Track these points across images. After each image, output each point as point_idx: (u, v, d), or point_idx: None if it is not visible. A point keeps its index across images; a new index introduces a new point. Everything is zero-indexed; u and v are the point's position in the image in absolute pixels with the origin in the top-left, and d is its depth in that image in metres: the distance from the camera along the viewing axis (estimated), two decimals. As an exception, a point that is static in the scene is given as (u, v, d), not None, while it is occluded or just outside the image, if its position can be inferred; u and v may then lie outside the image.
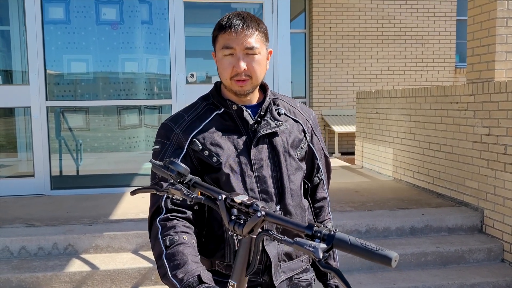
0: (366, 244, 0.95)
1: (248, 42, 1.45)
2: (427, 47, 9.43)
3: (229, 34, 1.45)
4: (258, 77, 1.50)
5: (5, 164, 5.68)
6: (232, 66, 1.46)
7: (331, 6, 8.99)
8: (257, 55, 1.47)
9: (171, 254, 1.34)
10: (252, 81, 1.49)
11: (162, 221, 1.42)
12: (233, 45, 1.45)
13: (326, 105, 9.18)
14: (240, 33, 1.44)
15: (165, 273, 1.32)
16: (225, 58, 1.47)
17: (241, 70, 1.45)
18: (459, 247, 3.88)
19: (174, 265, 1.31)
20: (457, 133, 4.59)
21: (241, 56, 1.45)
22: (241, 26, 1.45)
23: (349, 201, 4.71)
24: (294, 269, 1.57)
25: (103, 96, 5.37)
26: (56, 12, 5.10)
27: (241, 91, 1.49)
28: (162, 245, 1.37)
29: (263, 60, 1.50)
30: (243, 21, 1.46)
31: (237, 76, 1.46)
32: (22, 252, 3.63)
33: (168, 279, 1.32)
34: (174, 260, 1.32)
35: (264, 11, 5.18)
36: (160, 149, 1.52)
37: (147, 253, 3.67)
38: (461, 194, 4.55)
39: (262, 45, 1.49)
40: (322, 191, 1.70)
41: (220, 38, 1.48)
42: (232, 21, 1.45)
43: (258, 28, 1.48)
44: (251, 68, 1.47)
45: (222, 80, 1.53)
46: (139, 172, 5.50)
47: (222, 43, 1.47)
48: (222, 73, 1.50)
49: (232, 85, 1.49)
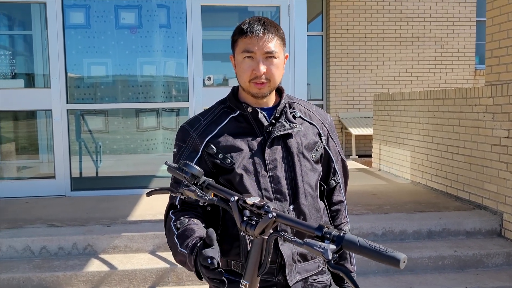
0: (375, 246, 0.97)
1: (268, 47, 1.50)
2: (446, 49, 9.33)
3: (250, 39, 1.50)
4: (276, 80, 1.55)
5: (27, 166, 5.81)
6: (251, 69, 1.51)
7: (348, 8, 8.96)
8: (275, 59, 1.52)
9: (181, 233, 1.41)
10: (270, 84, 1.54)
11: (174, 212, 1.51)
12: (253, 49, 1.50)
13: (343, 108, 9.15)
14: (261, 38, 1.50)
15: (176, 249, 1.40)
16: (245, 61, 1.52)
17: (260, 73, 1.50)
18: (478, 251, 3.83)
19: (182, 240, 1.39)
20: (475, 135, 4.53)
21: (261, 60, 1.50)
22: (262, 31, 1.50)
23: (366, 204, 4.69)
24: (310, 270, 1.58)
25: (122, 99, 5.46)
26: (76, 17, 5.21)
27: (259, 93, 1.54)
28: (174, 229, 1.45)
29: (280, 64, 1.55)
30: (264, 26, 1.52)
31: (256, 79, 1.51)
32: (43, 251, 3.72)
33: (178, 253, 1.39)
34: (184, 236, 1.40)
35: (280, 14, 5.21)
36: (177, 152, 1.58)
37: (164, 254, 3.71)
38: (479, 197, 4.49)
39: (280, 49, 1.55)
40: (338, 194, 1.71)
41: (240, 42, 1.53)
42: (254, 26, 1.51)
43: (277, 33, 1.54)
44: (269, 71, 1.52)
45: (240, 82, 1.57)
46: (157, 174, 5.57)
47: (242, 47, 1.52)
48: (241, 75, 1.54)
49: (251, 87, 1.53)
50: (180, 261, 1.41)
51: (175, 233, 1.43)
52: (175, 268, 3.52)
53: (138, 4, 5.28)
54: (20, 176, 5.72)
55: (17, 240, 3.71)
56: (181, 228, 1.43)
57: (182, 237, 1.40)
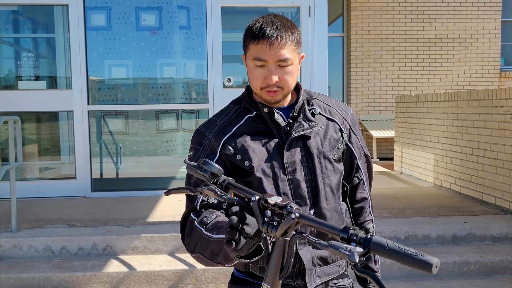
0: (405, 249, 0.91)
1: (281, 55, 1.39)
2: (470, 50, 9.14)
3: (262, 46, 1.39)
4: (289, 87, 1.46)
5: (49, 167, 5.87)
6: (263, 77, 1.42)
7: (369, 9, 8.86)
8: (289, 67, 1.42)
9: (213, 225, 1.31)
10: (283, 91, 1.45)
11: (196, 213, 1.41)
12: (265, 58, 1.40)
13: (364, 110, 9.04)
14: (273, 45, 1.39)
15: (208, 240, 1.29)
16: (256, 69, 1.43)
17: (272, 82, 1.41)
18: (505, 257, 3.71)
19: (217, 229, 1.28)
20: (502, 138, 4.40)
21: (273, 69, 1.41)
22: (274, 37, 1.39)
23: (388, 207, 4.59)
24: (330, 274, 1.53)
25: (142, 101, 5.48)
26: (98, 19, 5.25)
27: (272, 100, 1.46)
28: (200, 227, 1.34)
29: (295, 69, 1.45)
30: (277, 31, 1.39)
31: (268, 88, 1.43)
32: (63, 251, 3.73)
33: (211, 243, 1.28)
34: (216, 227, 1.29)
35: (301, 15, 5.16)
36: (193, 155, 1.51)
37: (183, 255, 3.69)
38: (506, 201, 4.36)
39: (294, 54, 1.44)
40: (362, 191, 1.65)
41: (251, 47, 1.43)
42: (266, 31, 1.39)
43: (291, 37, 1.42)
44: (282, 79, 1.42)
45: (252, 88, 1.50)
46: (176, 176, 5.57)
47: (253, 54, 1.42)
48: (253, 82, 1.46)
49: (263, 94, 1.46)
50: (212, 254, 1.29)
51: (202, 230, 1.32)
52: (194, 270, 3.49)
53: (158, 5, 5.30)
54: (42, 177, 5.78)
55: (38, 240, 3.73)
56: (209, 223, 1.32)
57: (214, 228, 1.29)
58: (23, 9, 5.56)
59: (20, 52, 5.61)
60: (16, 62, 5.48)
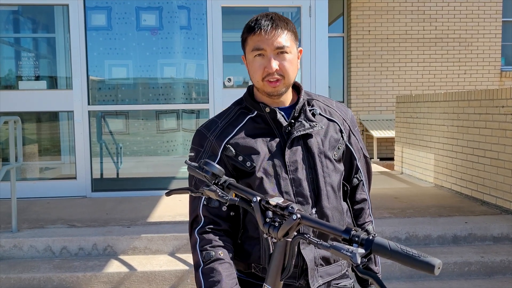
0: (407, 250, 0.91)
1: (278, 42, 1.43)
2: (470, 50, 9.13)
3: (259, 36, 1.43)
4: (290, 76, 1.47)
5: (49, 167, 5.87)
6: (263, 67, 1.44)
7: (370, 9, 8.85)
8: (288, 54, 1.45)
9: (207, 270, 1.38)
10: (284, 81, 1.46)
11: (199, 234, 1.45)
12: (263, 46, 1.43)
13: (364, 110, 9.03)
14: (270, 33, 1.42)
15: (200, 282, 1.38)
16: (256, 60, 1.45)
17: (273, 70, 1.43)
18: (505, 257, 3.70)
19: (209, 282, 1.36)
20: (503, 138, 4.40)
21: (272, 56, 1.43)
22: (270, 26, 1.43)
23: (388, 208, 4.59)
24: (332, 274, 1.53)
25: (143, 101, 5.47)
26: (98, 19, 5.24)
27: (274, 91, 1.47)
28: (199, 258, 1.41)
29: (294, 59, 1.48)
30: (272, 21, 1.44)
31: (269, 77, 1.44)
32: (63, 252, 3.73)
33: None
34: (210, 277, 1.37)
35: (301, 15, 5.15)
36: (194, 156, 1.52)
37: (184, 255, 3.69)
38: (507, 201, 4.35)
39: (292, 43, 1.46)
40: (362, 192, 1.65)
41: (249, 40, 1.46)
42: (261, 22, 1.44)
43: (287, 27, 1.46)
44: (283, 67, 1.44)
45: (254, 82, 1.51)
46: (177, 176, 5.56)
47: (252, 45, 1.45)
48: (254, 75, 1.48)
49: (265, 87, 1.47)
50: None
51: (200, 265, 1.40)
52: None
53: (158, 5, 5.29)
54: (42, 177, 5.78)
55: (38, 240, 3.73)
56: (207, 263, 1.40)
57: (208, 277, 1.38)
58: (24, 9, 5.56)
59: (21, 52, 5.61)
60: (16, 62, 5.47)
